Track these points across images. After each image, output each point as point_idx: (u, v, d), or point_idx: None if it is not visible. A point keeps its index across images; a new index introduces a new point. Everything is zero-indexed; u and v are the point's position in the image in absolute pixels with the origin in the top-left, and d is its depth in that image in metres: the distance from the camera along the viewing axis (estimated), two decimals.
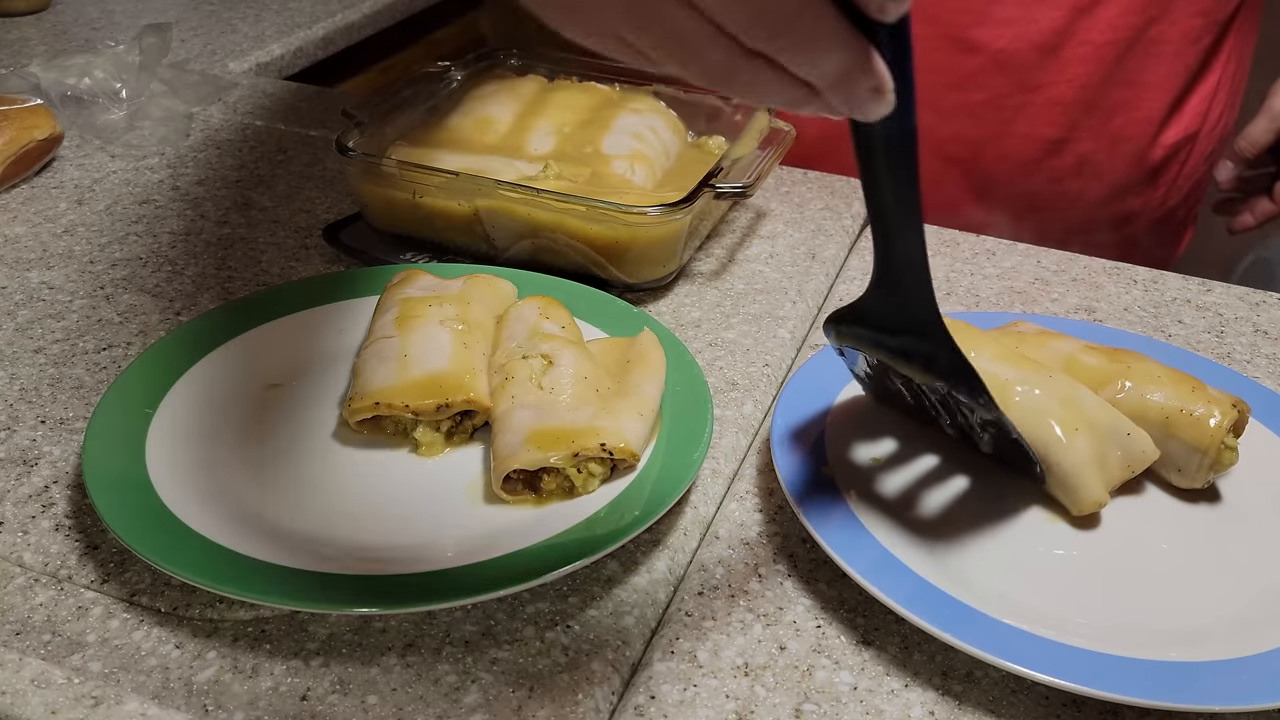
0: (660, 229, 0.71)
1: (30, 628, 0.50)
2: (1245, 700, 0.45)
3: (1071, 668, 0.46)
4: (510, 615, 0.51)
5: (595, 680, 0.48)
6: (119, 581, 0.53)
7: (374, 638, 0.50)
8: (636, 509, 0.53)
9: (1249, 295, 0.80)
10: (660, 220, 0.70)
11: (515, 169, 0.78)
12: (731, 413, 0.65)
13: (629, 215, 0.69)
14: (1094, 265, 0.83)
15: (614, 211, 0.70)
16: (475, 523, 0.54)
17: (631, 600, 0.53)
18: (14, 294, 0.75)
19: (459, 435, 0.59)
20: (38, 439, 0.62)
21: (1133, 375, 0.59)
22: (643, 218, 0.70)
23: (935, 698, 0.49)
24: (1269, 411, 0.62)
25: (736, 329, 0.72)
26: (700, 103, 0.87)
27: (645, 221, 0.70)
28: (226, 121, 1.01)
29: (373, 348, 0.61)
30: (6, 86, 0.96)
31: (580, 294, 0.70)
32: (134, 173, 0.91)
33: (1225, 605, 0.52)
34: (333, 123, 1.00)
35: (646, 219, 0.70)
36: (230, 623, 0.51)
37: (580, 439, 0.55)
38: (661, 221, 0.70)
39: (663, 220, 0.70)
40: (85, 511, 0.57)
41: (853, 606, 0.53)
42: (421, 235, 0.78)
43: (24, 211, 0.85)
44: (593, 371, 0.60)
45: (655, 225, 0.70)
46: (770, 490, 0.60)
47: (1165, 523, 0.57)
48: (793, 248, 0.82)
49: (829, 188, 0.91)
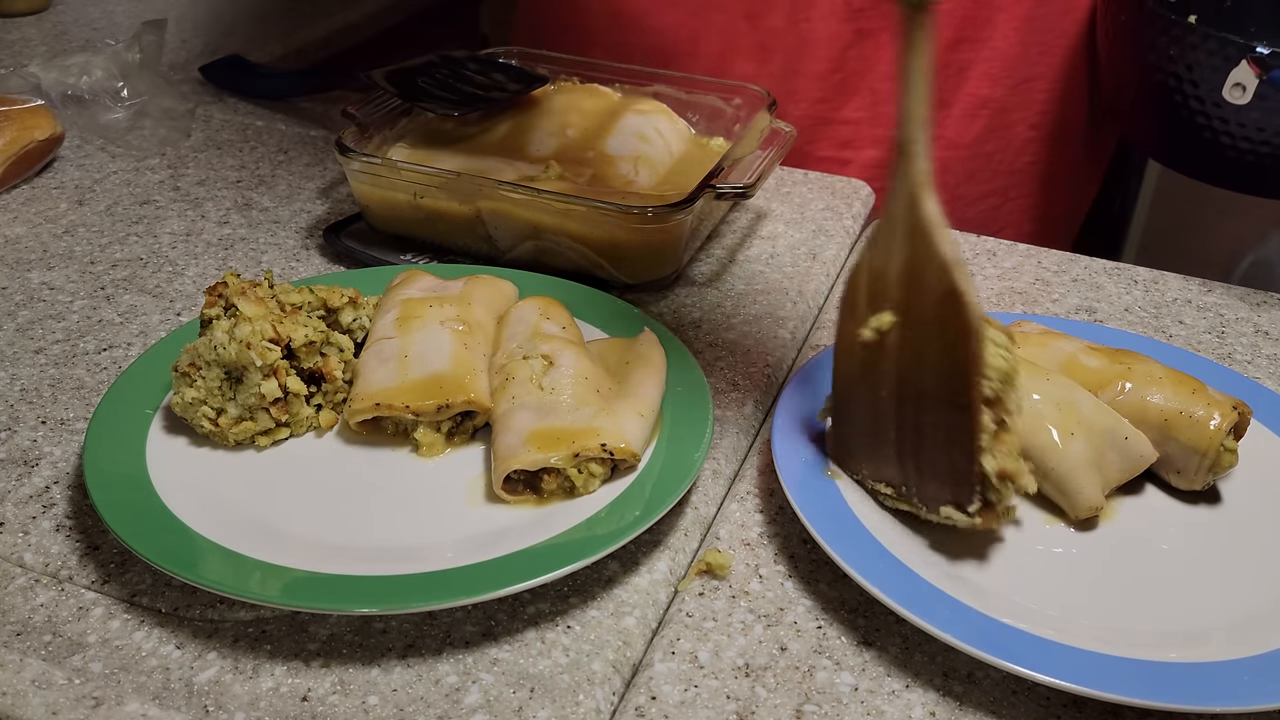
0: (661, 230, 0.71)
1: (31, 628, 0.50)
2: (1245, 700, 0.45)
3: (1072, 668, 0.46)
4: (511, 615, 0.51)
5: (596, 681, 0.48)
6: (119, 582, 0.53)
7: (374, 638, 0.50)
8: (637, 509, 0.53)
9: (1249, 295, 0.80)
10: (660, 221, 0.70)
11: (516, 170, 0.78)
12: (732, 413, 0.65)
13: (629, 216, 0.69)
14: (1094, 265, 0.83)
15: (614, 212, 0.70)
16: (475, 523, 0.54)
17: (632, 600, 0.53)
18: (14, 294, 0.75)
19: (459, 436, 0.59)
20: (38, 439, 0.62)
21: (1133, 376, 0.59)
22: (643, 218, 0.70)
23: (936, 698, 0.49)
24: (1270, 412, 0.62)
25: (737, 330, 0.72)
26: (701, 103, 0.87)
27: (645, 222, 0.70)
28: (227, 121, 1.01)
29: (373, 348, 0.61)
30: (7, 86, 0.96)
31: (581, 294, 0.70)
32: (134, 173, 0.91)
33: (1226, 606, 0.52)
34: (333, 123, 1.00)
35: (647, 220, 0.70)
36: (231, 623, 0.51)
37: (581, 439, 0.55)
38: (662, 222, 0.70)
39: (663, 221, 0.70)
40: (86, 512, 0.57)
41: (854, 607, 0.53)
42: (422, 236, 0.78)
43: (24, 212, 0.85)
44: (593, 372, 0.60)
45: (656, 226, 0.70)
46: (771, 491, 0.60)
47: (1165, 523, 0.57)
48: (793, 248, 0.82)
49: (829, 188, 0.91)
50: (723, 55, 0.98)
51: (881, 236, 0.52)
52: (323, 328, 0.61)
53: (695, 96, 0.88)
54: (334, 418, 0.61)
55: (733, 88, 0.86)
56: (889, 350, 0.53)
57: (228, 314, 0.58)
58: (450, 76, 0.87)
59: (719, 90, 0.87)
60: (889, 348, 0.53)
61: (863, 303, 0.54)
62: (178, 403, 0.57)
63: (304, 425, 0.60)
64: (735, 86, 0.86)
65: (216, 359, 0.57)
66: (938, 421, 0.52)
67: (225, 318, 0.58)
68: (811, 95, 0.97)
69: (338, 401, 0.61)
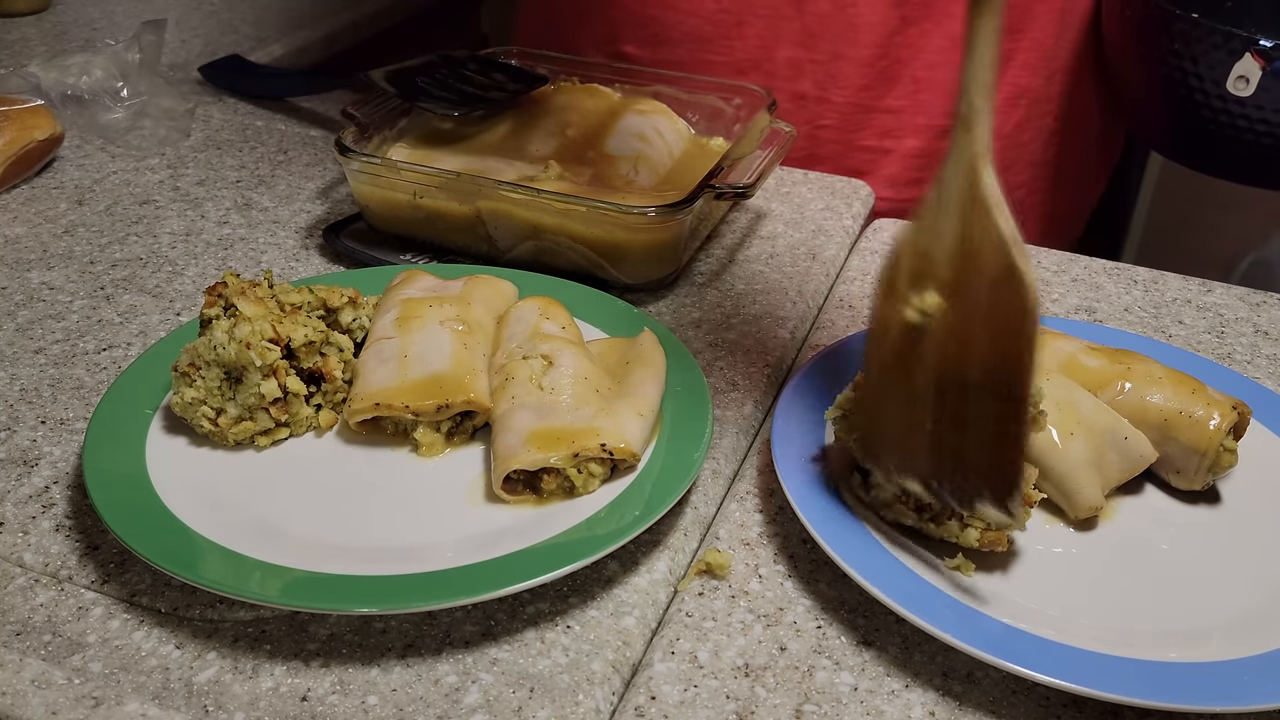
0: (661, 230, 0.71)
1: (31, 628, 0.50)
2: (1245, 700, 0.45)
3: (1072, 668, 0.46)
4: (510, 615, 0.51)
5: (595, 681, 0.48)
6: (119, 582, 0.53)
7: (374, 638, 0.50)
8: (637, 509, 0.53)
9: (1249, 295, 0.79)
10: (660, 221, 0.70)
11: (516, 170, 0.78)
12: (732, 413, 0.65)
13: (629, 216, 0.69)
14: (1094, 265, 0.83)
15: (614, 212, 0.70)
16: (475, 523, 0.54)
17: (632, 600, 0.53)
18: (14, 294, 0.75)
19: (459, 435, 0.59)
20: (38, 439, 0.62)
21: (1133, 376, 0.59)
22: (643, 218, 0.70)
23: (936, 698, 0.49)
24: (1269, 412, 0.62)
25: (737, 329, 0.72)
26: (701, 103, 0.87)
27: (645, 222, 0.70)
28: (226, 121, 1.01)
29: (373, 348, 0.61)
30: (7, 86, 0.96)
31: (581, 294, 0.70)
32: (134, 173, 0.91)
33: (1225, 606, 0.52)
34: (333, 123, 1.00)
35: (647, 220, 0.70)
36: (230, 623, 0.51)
37: (580, 439, 0.55)
38: (662, 222, 0.70)
39: (663, 221, 0.70)
40: (85, 512, 0.57)
41: (853, 607, 0.53)
42: (422, 236, 0.78)
43: (24, 212, 0.85)
44: (593, 372, 0.60)
45: (656, 226, 0.70)
46: (771, 490, 0.60)
47: (1165, 523, 0.57)
48: (793, 248, 0.82)
49: (829, 188, 0.91)
50: (766, 41, 0.96)
51: (929, 212, 0.49)
52: (322, 328, 0.61)
53: (695, 96, 0.88)
54: (334, 418, 0.61)
55: (733, 88, 0.86)
56: (932, 334, 0.50)
57: (227, 314, 0.58)
58: (450, 76, 0.87)
59: (719, 90, 0.87)
60: (932, 332, 0.50)
61: (904, 283, 0.50)
62: (178, 403, 0.57)
63: (304, 425, 0.60)
64: (735, 86, 0.86)
65: (216, 359, 0.57)
66: (983, 412, 0.49)
67: (225, 318, 0.58)
68: (856, 82, 0.96)
69: (337, 401, 0.61)
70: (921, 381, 0.51)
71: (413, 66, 0.87)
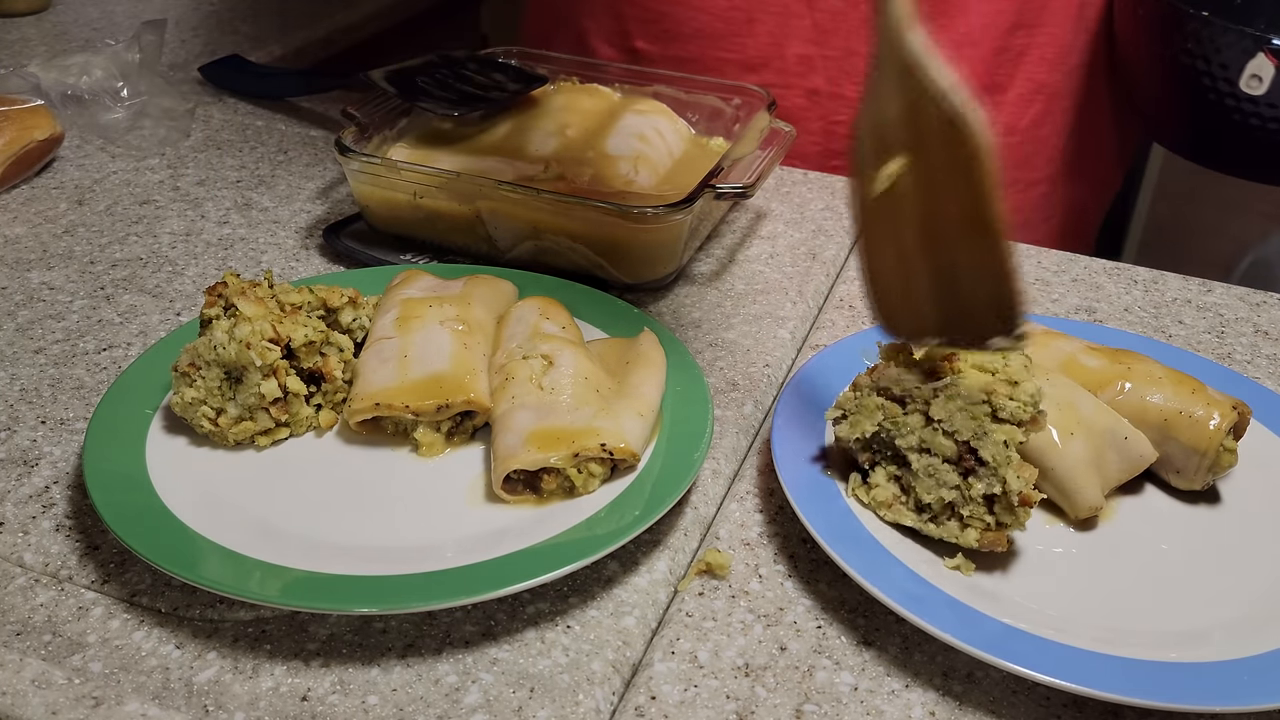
0: (660, 229, 0.71)
1: (31, 628, 0.50)
2: (1245, 700, 0.45)
3: (1072, 668, 0.46)
4: (510, 615, 0.51)
5: (596, 680, 0.48)
6: (119, 582, 0.53)
7: (374, 638, 0.50)
8: (637, 509, 0.53)
9: (1249, 295, 0.80)
10: (660, 221, 0.70)
11: (516, 170, 0.78)
12: (732, 413, 0.65)
13: (629, 216, 0.69)
14: (1094, 265, 0.83)
15: (614, 212, 0.70)
16: (475, 523, 0.54)
17: (632, 600, 0.53)
18: (14, 294, 0.75)
19: (459, 435, 0.59)
20: (38, 439, 0.62)
21: (1133, 376, 0.59)
22: (643, 218, 0.70)
23: (936, 698, 0.49)
24: (1269, 412, 0.62)
25: (737, 329, 0.72)
26: (700, 103, 0.87)
27: (645, 222, 0.70)
28: (226, 121, 1.01)
29: (373, 348, 0.61)
30: (6, 86, 0.96)
31: (581, 294, 0.70)
32: (134, 173, 0.91)
33: (1225, 606, 0.52)
34: (333, 123, 1.00)
35: (647, 219, 0.70)
36: (230, 623, 0.51)
37: (580, 439, 0.55)
38: (662, 222, 0.70)
39: (663, 221, 0.70)
40: (85, 512, 0.57)
41: (853, 607, 0.53)
42: (422, 236, 0.78)
43: (24, 212, 0.85)
44: (593, 372, 0.60)
45: (655, 226, 0.70)
46: (770, 490, 0.60)
47: (1165, 523, 0.57)
48: (793, 248, 0.82)
49: (829, 188, 0.91)
50: (777, 38, 0.96)
51: (873, 86, 0.50)
52: (322, 328, 0.61)
53: (695, 96, 0.88)
54: (334, 418, 0.61)
55: (732, 88, 0.87)
56: (906, 194, 0.51)
57: (228, 314, 0.58)
58: (450, 76, 0.87)
59: (718, 90, 0.87)
60: (905, 192, 0.51)
61: (870, 158, 0.52)
62: (177, 403, 0.57)
63: (304, 425, 0.60)
64: (735, 86, 0.86)
65: (216, 359, 0.57)
66: (970, 254, 0.50)
67: (225, 318, 0.58)
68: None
69: (337, 401, 0.61)
70: (910, 240, 0.53)
71: (413, 66, 0.87)
